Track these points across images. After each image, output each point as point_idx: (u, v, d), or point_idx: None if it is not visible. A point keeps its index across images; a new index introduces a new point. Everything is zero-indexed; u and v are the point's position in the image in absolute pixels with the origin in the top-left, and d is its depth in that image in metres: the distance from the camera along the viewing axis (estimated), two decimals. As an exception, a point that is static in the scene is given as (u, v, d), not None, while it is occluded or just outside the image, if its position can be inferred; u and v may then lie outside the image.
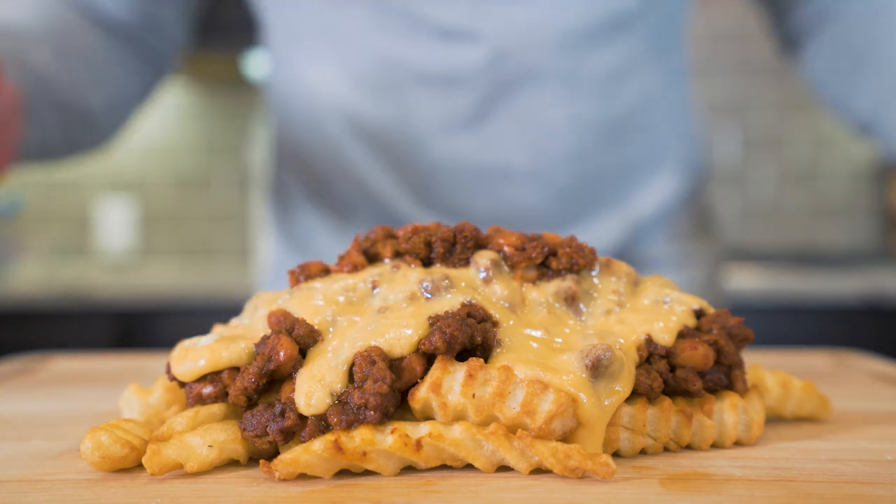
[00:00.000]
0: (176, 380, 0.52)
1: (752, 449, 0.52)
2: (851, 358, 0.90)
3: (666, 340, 0.52)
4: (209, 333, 0.54)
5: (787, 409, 0.58)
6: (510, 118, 1.03)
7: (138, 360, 0.91)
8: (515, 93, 1.02)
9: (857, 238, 3.40)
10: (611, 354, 0.48)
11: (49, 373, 0.83)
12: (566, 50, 1.01)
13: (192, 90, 3.46)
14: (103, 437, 0.46)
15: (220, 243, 3.49)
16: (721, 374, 0.54)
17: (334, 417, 0.46)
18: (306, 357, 0.50)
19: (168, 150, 3.46)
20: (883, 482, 0.44)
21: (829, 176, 3.40)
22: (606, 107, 1.06)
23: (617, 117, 1.07)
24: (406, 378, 0.48)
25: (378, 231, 0.59)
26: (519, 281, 0.55)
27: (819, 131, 3.40)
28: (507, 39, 1.00)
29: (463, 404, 0.46)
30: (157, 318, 2.71)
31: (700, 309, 0.56)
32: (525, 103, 1.03)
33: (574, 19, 1.00)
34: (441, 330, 0.47)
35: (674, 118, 1.17)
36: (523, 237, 0.56)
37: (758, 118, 3.42)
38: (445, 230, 0.56)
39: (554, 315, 0.53)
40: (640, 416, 0.49)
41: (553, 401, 0.46)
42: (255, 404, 0.49)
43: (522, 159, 1.05)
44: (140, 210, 3.45)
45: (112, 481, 0.46)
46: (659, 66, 1.11)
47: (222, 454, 0.47)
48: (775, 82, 3.41)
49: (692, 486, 0.44)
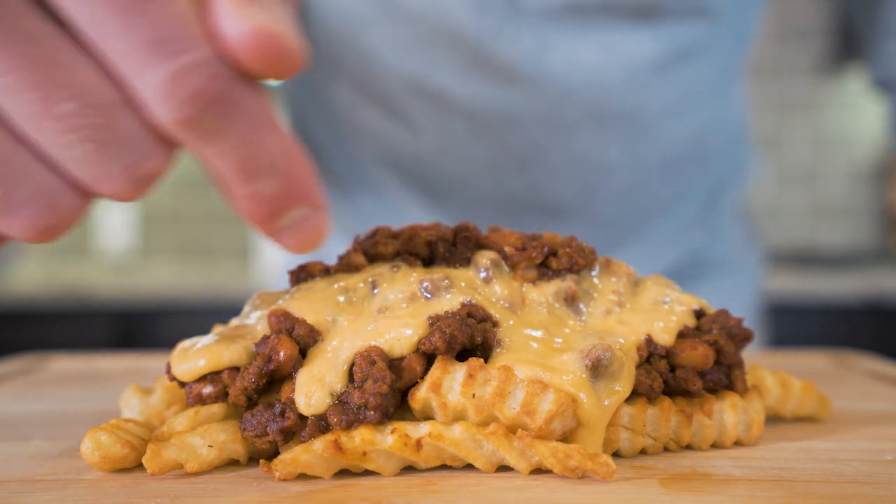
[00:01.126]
0: (176, 380, 0.52)
1: (752, 449, 0.52)
2: (851, 358, 0.90)
3: (666, 340, 0.52)
4: (209, 333, 0.54)
5: (787, 409, 0.58)
6: (564, 158, 0.98)
7: (138, 360, 0.91)
8: (574, 133, 0.97)
9: (857, 238, 3.40)
10: (611, 354, 0.48)
11: (49, 373, 0.83)
12: (633, 87, 0.96)
13: (192, 90, 3.46)
14: (103, 437, 0.46)
15: (220, 243, 3.49)
16: (721, 374, 0.54)
17: (334, 417, 0.46)
18: (306, 357, 0.50)
19: (168, 150, 3.46)
20: (883, 482, 0.44)
21: (829, 176, 3.41)
22: (665, 140, 1.01)
23: (674, 150, 1.02)
24: (406, 378, 0.48)
25: (378, 231, 0.59)
26: (519, 281, 0.55)
27: (819, 131, 3.40)
28: (571, 80, 0.94)
29: (463, 404, 0.46)
30: (157, 318, 2.71)
31: (700, 309, 0.56)
32: (583, 143, 0.97)
33: (642, 55, 0.95)
34: (441, 330, 0.47)
35: (731, 143, 1.13)
36: (523, 237, 0.56)
37: (758, 118, 3.42)
38: (446, 230, 0.56)
39: (554, 315, 0.53)
40: (640, 416, 0.49)
41: (553, 401, 0.46)
42: (255, 404, 0.49)
43: (572, 197, 1.00)
44: (140, 210, 3.45)
45: (112, 481, 0.46)
46: (721, 96, 1.07)
47: (222, 454, 0.47)
48: (775, 83, 3.41)
49: (692, 486, 0.44)
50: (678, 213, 1.09)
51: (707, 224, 1.13)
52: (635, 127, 0.98)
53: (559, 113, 0.96)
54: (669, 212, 1.08)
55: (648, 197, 1.04)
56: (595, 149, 0.98)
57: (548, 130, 0.96)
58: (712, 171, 1.10)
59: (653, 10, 0.94)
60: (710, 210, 1.13)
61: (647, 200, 1.04)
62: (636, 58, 0.95)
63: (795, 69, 3.41)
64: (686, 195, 1.08)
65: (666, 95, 0.98)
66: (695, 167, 1.06)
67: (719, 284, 1.13)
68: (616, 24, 0.94)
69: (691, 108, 1.02)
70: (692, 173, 1.06)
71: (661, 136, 1.00)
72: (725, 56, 1.05)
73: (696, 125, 1.03)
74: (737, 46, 1.07)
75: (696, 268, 1.13)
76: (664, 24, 0.95)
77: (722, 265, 1.17)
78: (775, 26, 3.39)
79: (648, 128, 0.99)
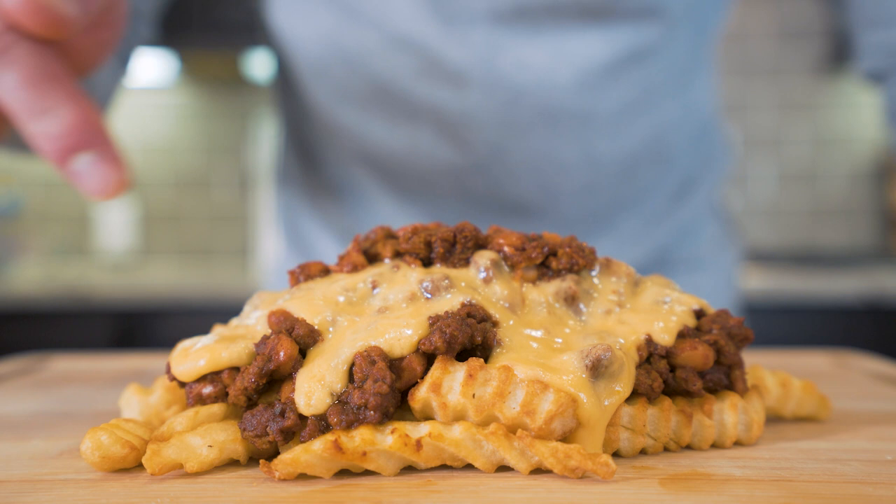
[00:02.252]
0: (176, 380, 0.52)
1: (752, 449, 0.52)
2: (851, 358, 0.90)
3: (666, 340, 0.52)
4: (209, 333, 0.54)
5: (787, 409, 0.58)
6: (522, 157, 0.99)
7: (138, 360, 0.91)
8: (529, 134, 0.98)
9: (857, 238, 3.40)
10: (611, 354, 0.48)
11: (49, 373, 0.83)
12: (584, 89, 0.96)
13: (192, 90, 3.46)
14: (103, 437, 0.46)
15: (220, 243, 3.49)
16: (721, 374, 0.54)
17: (334, 417, 0.46)
18: (306, 357, 0.50)
19: (168, 150, 3.46)
20: (883, 482, 0.44)
21: (829, 176, 3.41)
22: (622, 140, 1.01)
23: (632, 149, 1.02)
24: (406, 378, 0.48)
25: (378, 231, 0.59)
26: (519, 281, 0.55)
27: (819, 131, 3.40)
28: (522, 82, 0.96)
29: (463, 404, 0.46)
30: (157, 318, 2.71)
31: (700, 309, 0.56)
32: (538, 143, 0.99)
33: (592, 57, 0.95)
34: (441, 330, 0.47)
35: (696, 140, 1.12)
36: (523, 237, 0.56)
37: (758, 118, 3.42)
38: (445, 230, 0.56)
39: (554, 315, 0.53)
40: (640, 416, 0.49)
41: (553, 401, 0.46)
42: (255, 404, 0.49)
43: (533, 195, 1.01)
44: (140, 210, 3.45)
45: (112, 481, 0.46)
46: (680, 93, 1.06)
47: (222, 454, 0.47)
48: (775, 82, 3.41)
49: (692, 486, 0.44)
50: (643, 209, 1.09)
51: (675, 220, 1.13)
52: (589, 127, 0.99)
53: (512, 114, 0.97)
54: (634, 208, 1.08)
55: (609, 194, 1.04)
56: (550, 149, 0.99)
57: (503, 131, 0.98)
58: (677, 168, 1.10)
59: (604, 11, 0.94)
60: (678, 206, 1.12)
61: (607, 198, 1.05)
62: (586, 60, 0.95)
63: (795, 69, 3.41)
64: (650, 191, 1.08)
65: (620, 96, 0.99)
66: (656, 164, 1.06)
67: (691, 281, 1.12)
68: (566, 26, 0.94)
69: (649, 107, 1.02)
70: (654, 170, 1.07)
71: (618, 135, 1.01)
72: (685, 54, 1.04)
73: (655, 123, 1.03)
74: (698, 43, 1.06)
75: (664, 264, 1.13)
76: (617, 25, 0.95)
77: (694, 262, 1.16)
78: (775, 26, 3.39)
79: (603, 127, 0.99)
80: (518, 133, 0.98)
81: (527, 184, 1.01)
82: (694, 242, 1.16)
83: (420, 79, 0.97)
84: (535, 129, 0.98)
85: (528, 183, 1.01)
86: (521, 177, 1.01)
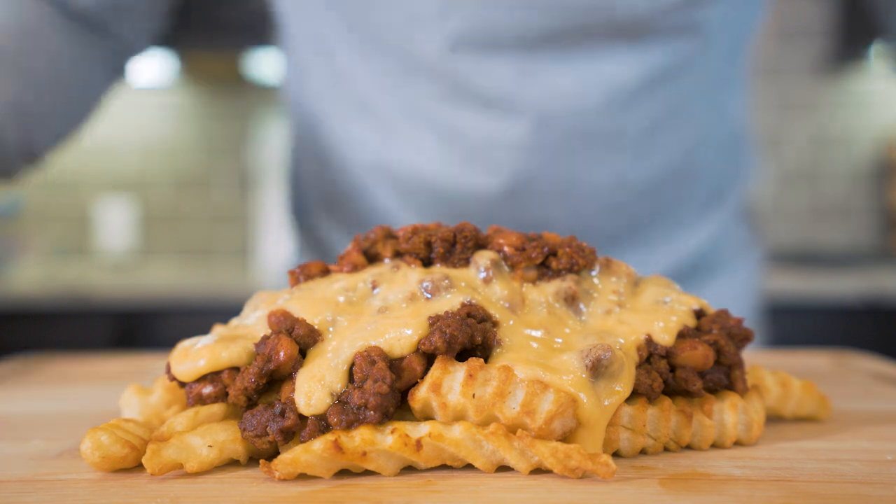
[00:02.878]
0: (176, 380, 0.52)
1: (752, 449, 0.52)
2: (851, 358, 0.90)
3: (666, 340, 0.52)
4: (209, 333, 0.54)
5: (787, 409, 0.58)
6: (550, 181, 0.98)
7: (138, 360, 0.91)
8: (558, 158, 0.97)
9: (857, 238, 3.40)
10: (611, 354, 0.48)
11: (49, 373, 0.83)
12: (614, 109, 0.95)
13: (192, 90, 3.46)
14: (103, 437, 0.46)
15: (220, 243, 3.49)
16: (721, 374, 0.54)
17: (334, 417, 0.46)
18: (306, 357, 0.50)
19: (168, 150, 3.45)
20: (883, 482, 0.44)
21: (829, 176, 3.40)
22: (652, 157, 0.99)
23: (662, 165, 1.01)
24: (406, 378, 0.48)
25: (378, 231, 0.59)
26: (519, 281, 0.55)
27: (819, 131, 3.40)
28: (551, 107, 0.94)
29: (463, 404, 0.46)
30: (157, 318, 2.71)
31: (700, 309, 0.56)
32: (567, 167, 0.97)
33: (624, 77, 0.94)
34: (441, 330, 0.47)
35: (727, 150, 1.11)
36: (523, 237, 0.56)
37: (758, 118, 3.42)
38: (445, 230, 0.56)
39: (554, 315, 0.53)
40: (640, 416, 0.49)
41: (553, 401, 0.46)
42: (255, 404, 0.49)
43: (561, 215, 1.00)
44: (140, 210, 3.45)
45: (112, 481, 0.46)
46: (714, 107, 1.04)
47: (222, 454, 0.47)
48: (775, 82, 3.41)
49: (692, 486, 0.44)
50: (670, 222, 1.08)
51: (706, 226, 1.12)
52: (618, 147, 0.97)
53: (540, 138, 0.95)
54: (662, 221, 1.07)
55: (636, 210, 1.03)
56: (580, 172, 0.98)
57: (531, 156, 0.96)
58: (706, 180, 1.09)
59: (638, 30, 0.92)
60: (708, 213, 1.12)
61: (634, 213, 1.03)
62: (617, 80, 0.94)
63: (795, 69, 3.41)
64: (678, 204, 1.07)
65: (652, 113, 0.97)
66: (686, 179, 1.05)
67: (720, 284, 1.12)
68: (596, 47, 0.93)
69: (681, 123, 1.00)
70: (682, 185, 1.05)
71: (649, 153, 0.99)
72: (719, 66, 1.02)
73: (686, 138, 1.02)
74: (732, 54, 1.04)
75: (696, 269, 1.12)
76: (650, 43, 0.93)
77: (723, 266, 1.16)
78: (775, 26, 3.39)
79: (633, 146, 0.98)
80: (547, 158, 0.97)
81: (554, 208, 1.00)
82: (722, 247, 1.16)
83: (441, 104, 0.97)
84: (564, 154, 0.97)
85: (556, 207, 1.00)
86: (550, 202, 0.99)
